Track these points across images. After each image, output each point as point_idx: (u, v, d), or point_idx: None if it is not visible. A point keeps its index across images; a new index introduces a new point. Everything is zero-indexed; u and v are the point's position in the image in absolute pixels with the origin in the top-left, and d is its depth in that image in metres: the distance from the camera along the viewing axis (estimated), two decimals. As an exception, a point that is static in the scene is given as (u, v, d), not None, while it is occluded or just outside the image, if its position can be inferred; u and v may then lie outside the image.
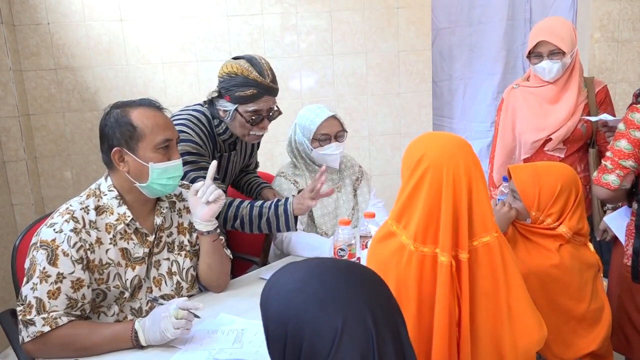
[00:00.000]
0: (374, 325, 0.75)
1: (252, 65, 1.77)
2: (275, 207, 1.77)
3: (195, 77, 3.11)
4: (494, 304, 1.16)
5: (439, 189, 1.13)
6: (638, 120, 1.62)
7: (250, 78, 1.75)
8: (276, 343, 0.79)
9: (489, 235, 1.16)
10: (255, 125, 1.83)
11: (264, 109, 1.82)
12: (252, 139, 1.90)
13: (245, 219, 1.78)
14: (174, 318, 1.30)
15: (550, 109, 2.21)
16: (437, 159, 1.15)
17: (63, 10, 2.94)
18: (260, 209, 1.78)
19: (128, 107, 1.46)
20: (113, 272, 1.44)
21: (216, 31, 3.08)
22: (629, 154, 1.63)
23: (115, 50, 3.02)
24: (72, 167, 3.13)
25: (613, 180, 1.66)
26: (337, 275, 0.80)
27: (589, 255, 1.46)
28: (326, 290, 0.77)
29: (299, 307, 0.77)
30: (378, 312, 0.77)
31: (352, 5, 3.14)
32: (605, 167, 1.68)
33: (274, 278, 0.84)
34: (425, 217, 1.13)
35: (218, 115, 1.85)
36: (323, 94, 3.23)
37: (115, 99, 3.01)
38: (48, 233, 1.37)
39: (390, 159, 3.37)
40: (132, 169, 1.44)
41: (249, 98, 1.78)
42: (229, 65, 1.80)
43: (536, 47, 2.13)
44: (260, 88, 1.77)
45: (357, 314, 0.75)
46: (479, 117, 3.52)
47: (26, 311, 1.33)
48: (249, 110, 1.79)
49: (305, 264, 0.85)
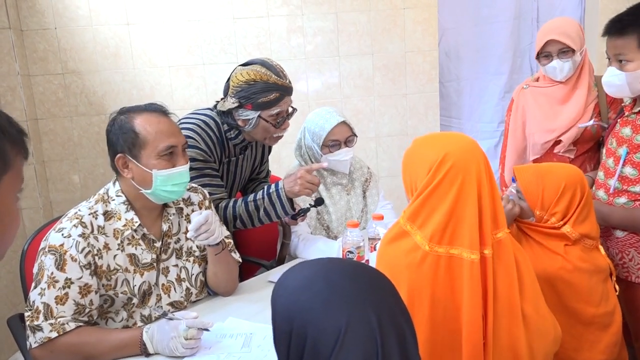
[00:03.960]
0: (378, 327, 0.75)
1: (268, 69, 1.76)
2: (268, 196, 1.78)
3: (202, 80, 3.11)
4: (509, 302, 1.16)
5: (463, 187, 1.13)
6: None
7: (270, 82, 1.74)
8: (282, 338, 0.81)
9: (502, 232, 1.17)
10: (278, 128, 1.83)
11: (285, 109, 1.82)
12: (274, 140, 1.90)
13: (244, 216, 1.79)
14: (183, 339, 1.29)
15: (560, 110, 2.18)
16: (462, 157, 1.15)
17: (70, 15, 2.95)
18: (255, 202, 1.79)
19: (133, 112, 1.46)
20: (121, 278, 1.43)
21: (222, 34, 3.08)
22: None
23: (122, 54, 3.03)
24: (79, 171, 3.14)
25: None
26: (344, 275, 0.80)
27: (599, 259, 1.44)
28: (331, 289, 0.78)
29: (304, 305, 0.78)
30: (383, 315, 0.77)
31: (358, 7, 3.13)
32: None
33: (285, 275, 0.86)
34: (446, 216, 1.13)
35: (236, 124, 1.83)
36: (329, 95, 3.22)
37: (122, 102, 3.07)
38: (56, 238, 1.37)
39: (397, 160, 3.35)
40: (136, 176, 1.44)
41: (273, 102, 1.77)
42: (245, 73, 1.76)
43: (545, 47, 2.11)
44: (282, 90, 1.77)
45: (361, 315, 0.76)
46: (486, 118, 3.50)
47: (34, 316, 1.33)
48: (272, 114, 1.79)
49: (314, 262, 0.86)
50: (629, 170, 1.58)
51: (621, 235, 1.65)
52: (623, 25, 1.55)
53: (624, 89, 1.58)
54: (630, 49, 1.54)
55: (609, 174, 1.65)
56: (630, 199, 1.59)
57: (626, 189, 1.59)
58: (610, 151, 1.67)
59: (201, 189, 1.69)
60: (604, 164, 1.69)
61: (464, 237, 1.13)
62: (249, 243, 2.30)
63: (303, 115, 3.24)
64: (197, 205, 1.63)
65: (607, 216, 1.59)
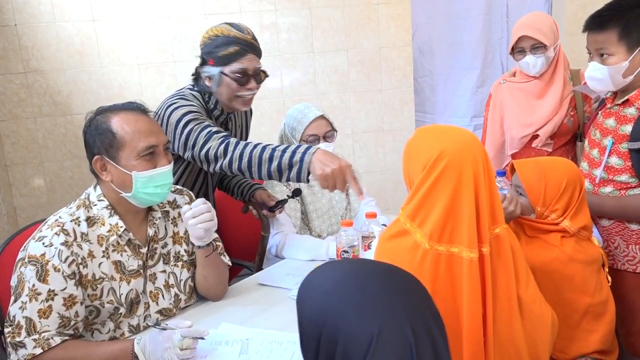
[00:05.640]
0: (413, 337, 0.72)
1: (231, 26, 1.76)
2: (291, 153, 1.52)
3: (173, 78, 3.01)
4: (507, 296, 1.16)
5: (460, 186, 1.11)
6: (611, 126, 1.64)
7: (231, 36, 1.73)
8: (309, 342, 0.77)
9: (499, 227, 1.16)
10: (242, 86, 1.76)
11: (250, 67, 1.75)
12: (239, 104, 1.81)
13: (254, 161, 1.55)
14: (178, 349, 1.22)
15: (537, 104, 2.22)
16: (457, 155, 1.12)
17: (31, 11, 2.80)
18: (273, 151, 1.55)
19: (110, 112, 1.38)
20: (107, 287, 1.36)
21: (194, 30, 2.99)
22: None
23: (88, 51, 2.90)
24: (45, 175, 3.00)
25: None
26: (376, 279, 0.77)
27: (592, 249, 1.46)
28: (363, 294, 0.74)
29: (334, 310, 0.74)
30: (418, 323, 0.74)
31: (331, 2, 3.10)
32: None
33: (311, 277, 0.82)
34: (444, 215, 1.11)
35: (205, 86, 1.79)
36: (305, 92, 3.18)
37: (89, 102, 2.96)
38: (37, 247, 1.28)
39: (374, 156, 3.35)
40: (115, 178, 1.37)
41: (233, 56, 1.72)
42: (209, 30, 1.78)
43: (518, 42, 2.14)
44: (243, 45, 1.73)
45: (395, 323, 0.72)
46: (460, 112, 3.54)
47: (15, 332, 1.24)
48: (234, 69, 1.73)
49: (343, 264, 0.82)
50: (615, 160, 1.61)
51: (607, 224, 1.68)
52: (603, 20, 1.58)
53: (606, 82, 1.61)
54: (611, 42, 1.57)
55: (594, 164, 1.68)
56: (616, 188, 1.62)
57: (612, 178, 1.62)
58: (594, 142, 1.70)
59: (187, 191, 1.63)
60: (588, 155, 1.72)
61: (462, 236, 1.12)
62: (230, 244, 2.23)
63: (278, 113, 3.22)
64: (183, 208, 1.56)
65: (599, 207, 1.62)
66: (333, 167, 1.47)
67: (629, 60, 1.55)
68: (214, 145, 1.60)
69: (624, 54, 1.56)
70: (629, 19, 1.54)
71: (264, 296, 1.62)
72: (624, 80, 1.58)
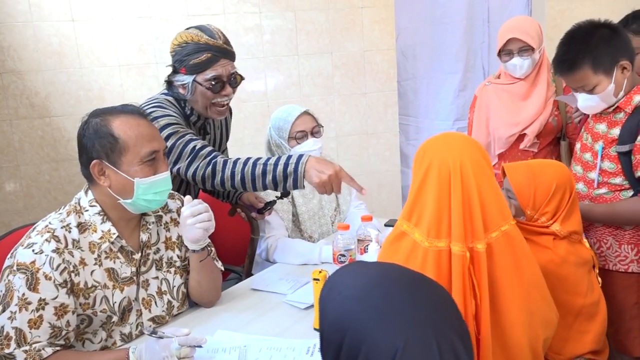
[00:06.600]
0: (438, 352, 0.70)
1: (202, 31, 1.69)
2: (284, 165, 1.54)
3: (155, 80, 2.94)
4: (519, 293, 1.17)
5: (446, 180, 1.14)
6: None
7: (201, 43, 1.66)
8: (330, 347, 0.76)
9: (507, 224, 1.18)
10: (217, 93, 1.72)
11: (224, 74, 1.71)
12: (215, 111, 1.76)
13: (247, 178, 1.57)
14: (176, 358, 1.19)
15: (522, 105, 2.26)
16: (439, 152, 1.18)
17: (7, 9, 2.71)
18: (265, 166, 1.56)
19: (108, 115, 1.33)
20: (100, 295, 1.32)
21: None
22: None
23: (67, 52, 2.82)
24: (21, 179, 2.90)
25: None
26: (402, 288, 0.75)
27: (584, 251, 1.49)
28: (389, 303, 0.72)
29: (358, 317, 0.72)
30: (444, 338, 0.71)
31: (316, 5, 3.09)
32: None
33: (335, 279, 0.79)
34: (436, 210, 1.13)
35: (179, 94, 1.73)
36: (289, 95, 3.16)
37: (68, 104, 2.88)
38: (26, 255, 1.23)
39: (358, 160, 3.35)
40: (114, 184, 1.33)
41: (205, 64, 1.67)
42: (178, 37, 1.71)
43: (506, 44, 2.18)
44: (214, 51, 1.67)
45: (421, 337, 0.70)
46: (442, 115, 3.56)
47: (4, 344, 1.19)
48: (207, 77, 1.68)
49: (368, 268, 0.80)
50: (607, 164, 1.64)
51: (600, 225, 1.71)
52: (571, 62, 1.58)
53: (602, 105, 1.63)
54: (588, 77, 1.57)
55: (588, 168, 1.70)
56: (610, 189, 1.66)
57: (606, 181, 1.66)
58: (585, 146, 1.73)
59: (179, 195, 1.59)
60: (580, 158, 1.75)
61: (454, 231, 1.13)
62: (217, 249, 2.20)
63: (262, 116, 3.19)
64: (175, 212, 1.53)
65: (588, 213, 1.65)
66: (329, 173, 1.50)
67: (613, 82, 1.56)
68: (200, 166, 1.59)
69: (606, 80, 1.57)
70: (592, 50, 1.55)
71: (258, 302, 1.60)
72: (617, 97, 1.61)
